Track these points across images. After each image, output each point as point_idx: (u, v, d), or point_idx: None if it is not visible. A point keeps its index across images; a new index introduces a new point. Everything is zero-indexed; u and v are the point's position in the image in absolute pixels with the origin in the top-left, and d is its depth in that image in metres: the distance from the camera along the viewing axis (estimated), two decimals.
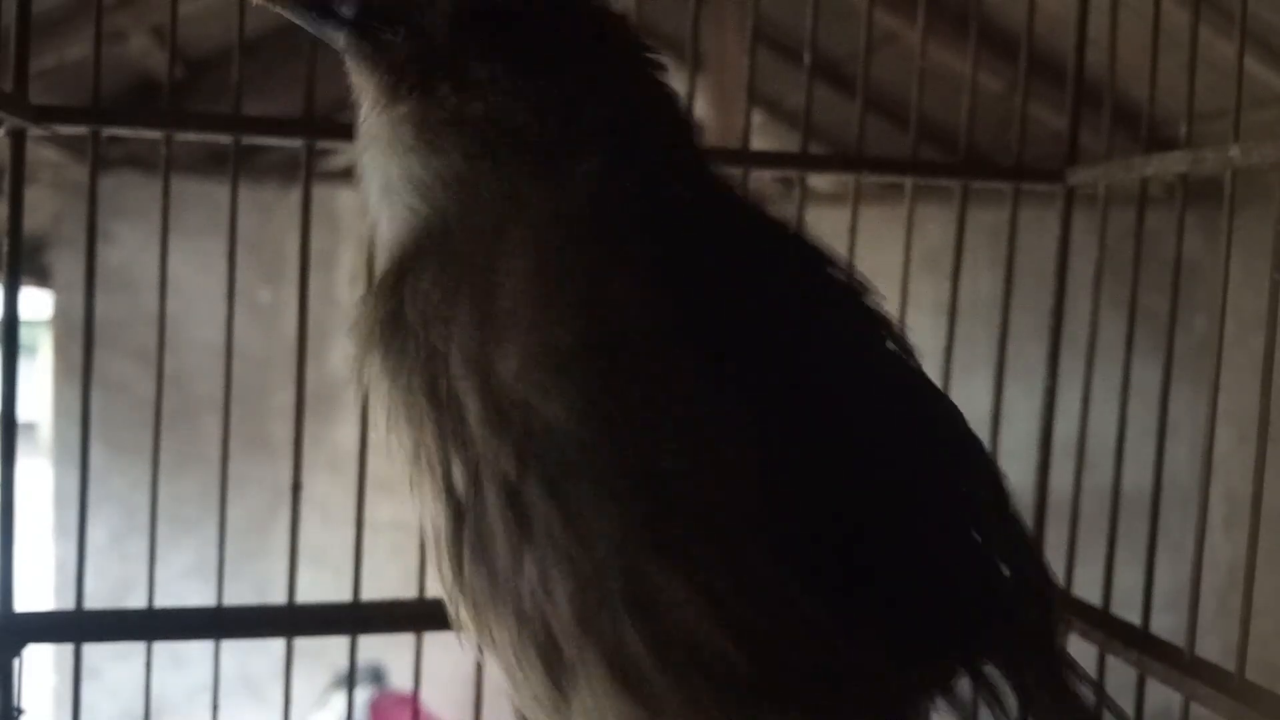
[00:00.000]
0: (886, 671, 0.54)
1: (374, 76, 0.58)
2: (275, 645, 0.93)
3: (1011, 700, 0.59)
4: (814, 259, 0.62)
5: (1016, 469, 1.09)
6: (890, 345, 0.63)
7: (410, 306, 0.55)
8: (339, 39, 0.59)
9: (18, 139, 0.84)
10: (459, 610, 0.57)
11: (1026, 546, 0.63)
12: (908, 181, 1.02)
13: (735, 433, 0.51)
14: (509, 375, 0.51)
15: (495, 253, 0.53)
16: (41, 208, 2.98)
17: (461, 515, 0.54)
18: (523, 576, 0.52)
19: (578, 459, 0.51)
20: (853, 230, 0.99)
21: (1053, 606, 0.64)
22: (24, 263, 0.85)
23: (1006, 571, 0.62)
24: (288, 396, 0.95)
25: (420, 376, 0.55)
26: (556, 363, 0.51)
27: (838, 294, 0.62)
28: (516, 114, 0.56)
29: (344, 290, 3.16)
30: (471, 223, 0.55)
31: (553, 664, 0.53)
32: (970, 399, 1.13)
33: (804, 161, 1.02)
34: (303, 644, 0.94)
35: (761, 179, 1.05)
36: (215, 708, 0.94)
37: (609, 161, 0.56)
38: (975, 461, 0.63)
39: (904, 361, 0.63)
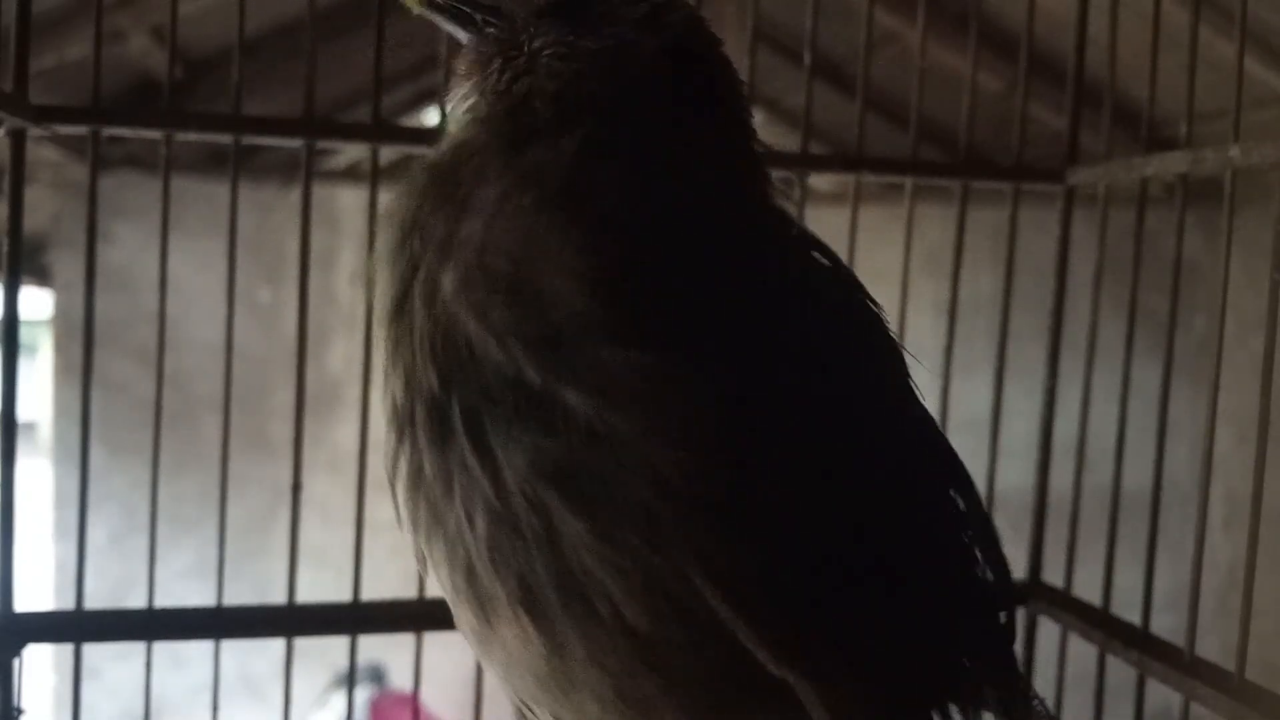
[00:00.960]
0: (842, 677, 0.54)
1: (475, 56, 0.65)
2: (275, 645, 0.93)
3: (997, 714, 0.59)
4: (810, 259, 0.63)
5: (1016, 469, 1.10)
6: (879, 345, 0.63)
7: (418, 212, 0.59)
8: (460, 32, 0.67)
9: (18, 139, 0.84)
10: (410, 537, 0.59)
11: (1001, 552, 0.63)
12: (908, 181, 1.03)
13: (656, 387, 0.51)
14: (449, 291, 0.54)
15: (476, 184, 0.57)
16: (41, 208, 2.97)
17: (400, 430, 0.57)
18: (451, 501, 0.54)
19: (494, 384, 0.53)
20: (853, 230, 0.99)
21: (1014, 616, 0.64)
22: (24, 263, 0.86)
23: (990, 577, 0.61)
24: (288, 396, 0.95)
25: (400, 281, 0.58)
26: (489, 287, 0.53)
27: (825, 289, 0.62)
28: (551, 79, 0.61)
29: (344, 290, 3.16)
30: (480, 157, 0.59)
31: (477, 592, 0.55)
32: (970, 399, 1.13)
33: (804, 161, 1.02)
34: (303, 644, 0.94)
35: None
36: (215, 708, 0.94)
37: (597, 133, 0.59)
38: (956, 466, 0.63)
39: (895, 364, 0.63)
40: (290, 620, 0.93)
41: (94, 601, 0.90)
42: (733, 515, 0.51)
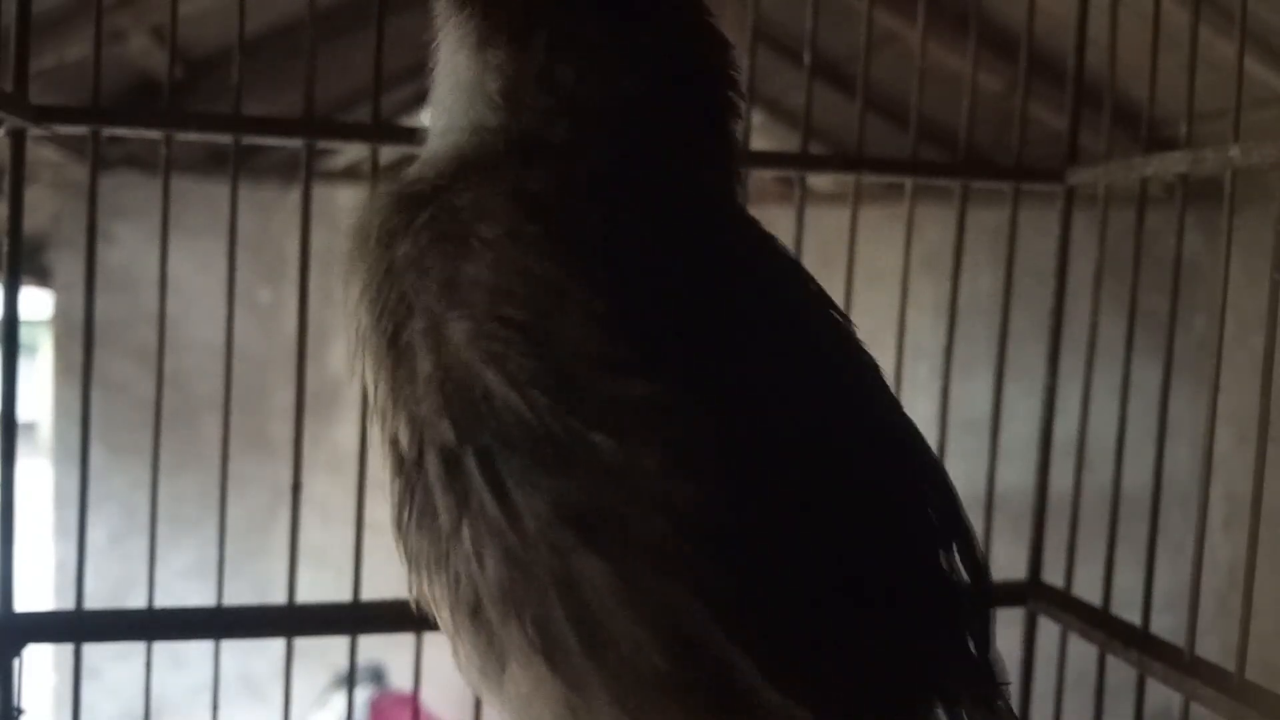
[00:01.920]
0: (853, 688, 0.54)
1: (470, 14, 0.60)
2: (275, 645, 0.93)
3: None
4: (785, 272, 0.62)
5: (1016, 469, 1.10)
6: (858, 357, 0.62)
7: (401, 242, 0.57)
8: None
9: (18, 139, 0.84)
10: (406, 568, 0.58)
11: (978, 555, 0.62)
12: (908, 181, 1.02)
13: (670, 421, 0.51)
14: (460, 340, 0.53)
15: (478, 216, 0.55)
16: (41, 208, 2.97)
17: (406, 473, 0.56)
18: (459, 542, 0.54)
19: (514, 432, 0.52)
20: (853, 230, 0.99)
21: (991, 619, 0.63)
22: (24, 263, 0.86)
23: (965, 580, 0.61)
24: (288, 396, 0.95)
25: (389, 319, 0.56)
26: (504, 335, 0.52)
27: (800, 300, 0.62)
28: (601, 84, 0.58)
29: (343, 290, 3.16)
30: (479, 187, 0.57)
31: (484, 634, 0.54)
32: (970, 399, 1.13)
33: (804, 161, 1.02)
34: (303, 644, 0.94)
35: (761, 179, 1.05)
36: (215, 708, 0.94)
37: (604, 158, 0.58)
38: (929, 465, 0.62)
39: (869, 374, 0.63)
40: (290, 620, 0.93)
41: (94, 601, 0.90)
42: (737, 547, 0.51)
